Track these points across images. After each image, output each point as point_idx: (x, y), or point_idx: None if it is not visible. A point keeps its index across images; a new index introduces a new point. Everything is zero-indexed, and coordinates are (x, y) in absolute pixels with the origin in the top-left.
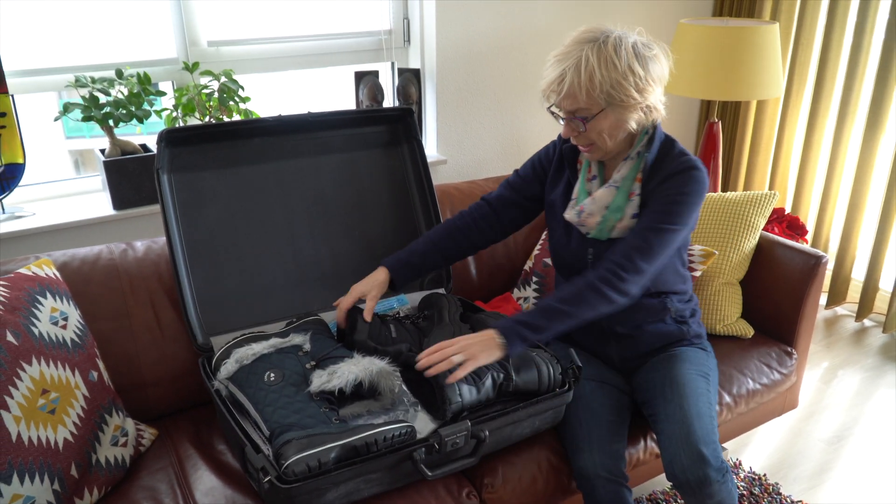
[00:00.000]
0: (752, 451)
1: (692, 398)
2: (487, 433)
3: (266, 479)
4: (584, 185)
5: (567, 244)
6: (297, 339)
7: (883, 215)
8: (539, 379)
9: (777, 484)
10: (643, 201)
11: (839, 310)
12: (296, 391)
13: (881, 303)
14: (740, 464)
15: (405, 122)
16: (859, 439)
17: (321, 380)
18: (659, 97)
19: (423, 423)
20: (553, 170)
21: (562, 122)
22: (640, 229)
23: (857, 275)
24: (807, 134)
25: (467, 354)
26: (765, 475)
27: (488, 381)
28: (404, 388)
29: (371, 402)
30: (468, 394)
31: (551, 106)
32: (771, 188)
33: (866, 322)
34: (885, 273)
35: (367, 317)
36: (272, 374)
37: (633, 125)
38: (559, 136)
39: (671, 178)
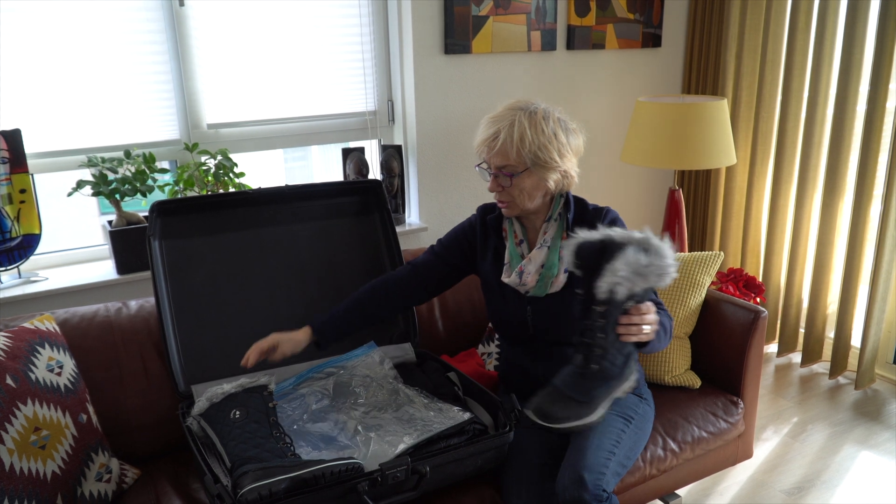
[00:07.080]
0: (712, 500)
1: (598, 433)
2: (429, 469)
3: None
4: (514, 248)
5: (504, 307)
6: (263, 379)
7: (846, 275)
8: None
9: None
10: None
11: (815, 368)
12: (257, 427)
13: (855, 359)
14: None
15: (375, 192)
16: (820, 491)
17: None
18: (574, 166)
19: (373, 462)
20: (479, 242)
21: (488, 179)
22: None
23: (831, 333)
24: (772, 200)
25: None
26: None
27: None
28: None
29: None
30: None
31: (481, 163)
32: (743, 252)
33: (840, 379)
34: (855, 331)
35: (246, 362)
36: (237, 412)
37: (551, 185)
38: (478, 211)
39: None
